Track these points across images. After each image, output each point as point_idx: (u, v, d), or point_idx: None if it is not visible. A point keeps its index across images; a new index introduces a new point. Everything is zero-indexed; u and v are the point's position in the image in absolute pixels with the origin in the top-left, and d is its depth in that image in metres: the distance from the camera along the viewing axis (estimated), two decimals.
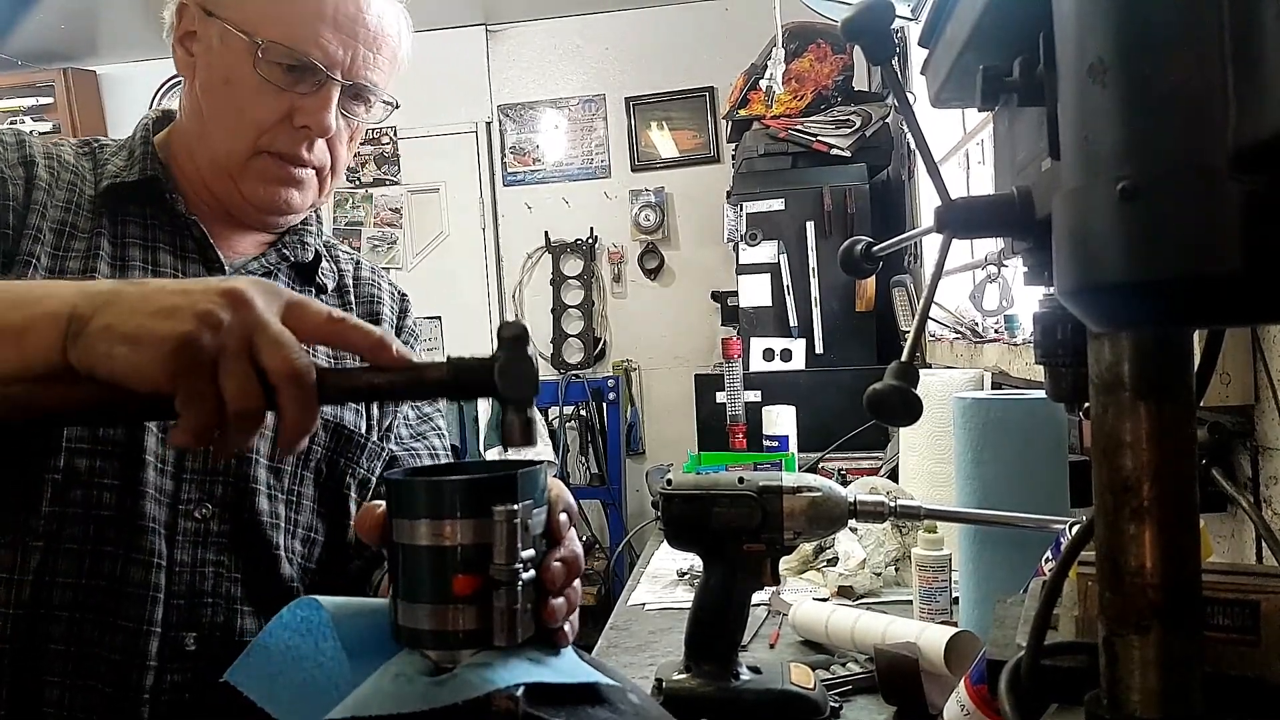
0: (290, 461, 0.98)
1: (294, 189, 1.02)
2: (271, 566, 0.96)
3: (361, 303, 1.14)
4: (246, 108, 0.98)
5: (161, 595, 0.89)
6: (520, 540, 0.56)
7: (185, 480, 0.92)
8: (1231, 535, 1.11)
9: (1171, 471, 0.43)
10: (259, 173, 1.00)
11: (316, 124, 0.99)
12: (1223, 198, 0.33)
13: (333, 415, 1.02)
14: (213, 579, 0.93)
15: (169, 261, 0.99)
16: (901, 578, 1.52)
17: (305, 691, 0.68)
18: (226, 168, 1.00)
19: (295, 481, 0.99)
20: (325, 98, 0.99)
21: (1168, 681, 0.43)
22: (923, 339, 2.59)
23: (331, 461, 1.02)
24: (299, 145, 1.00)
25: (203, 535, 0.92)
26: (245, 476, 0.95)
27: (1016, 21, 0.48)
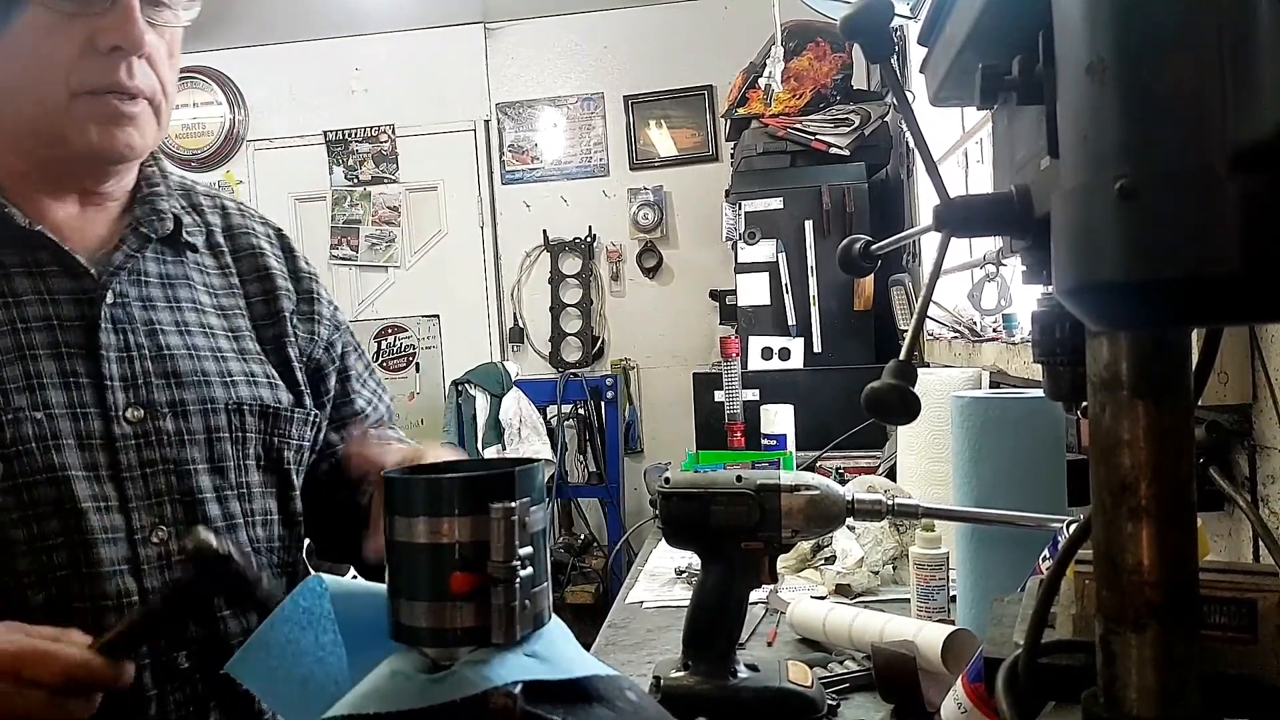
0: (229, 457, 0.95)
1: (129, 127, 0.89)
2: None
3: (242, 258, 1.05)
4: (40, 50, 0.85)
5: None
6: (518, 538, 0.56)
7: (133, 509, 0.88)
8: (1229, 534, 1.11)
9: (1169, 470, 0.43)
10: (81, 119, 0.87)
11: (126, 39, 0.86)
12: (1221, 197, 0.33)
13: (254, 398, 0.98)
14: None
15: (26, 286, 0.89)
16: (899, 576, 1.52)
17: (305, 686, 0.68)
18: (46, 129, 0.88)
19: (240, 474, 0.96)
20: (125, 8, 0.86)
21: (1165, 680, 0.43)
22: (921, 337, 2.59)
23: (267, 443, 0.99)
24: (115, 72, 0.87)
25: (165, 558, 0.89)
26: (190, 489, 0.91)
27: (1016, 20, 0.48)
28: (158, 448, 0.90)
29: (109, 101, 0.88)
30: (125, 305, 0.92)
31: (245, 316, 1.03)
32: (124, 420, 0.89)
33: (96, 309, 0.90)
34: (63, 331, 0.89)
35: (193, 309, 0.98)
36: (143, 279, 0.95)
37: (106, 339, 0.90)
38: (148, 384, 0.91)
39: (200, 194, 1.07)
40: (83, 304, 0.90)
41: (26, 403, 0.85)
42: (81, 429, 0.87)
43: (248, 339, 1.02)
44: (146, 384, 0.91)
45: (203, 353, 0.96)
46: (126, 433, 0.89)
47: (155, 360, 0.92)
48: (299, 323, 1.07)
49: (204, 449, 0.93)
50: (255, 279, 1.05)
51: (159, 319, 0.94)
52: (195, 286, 1.00)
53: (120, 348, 0.91)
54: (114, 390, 0.89)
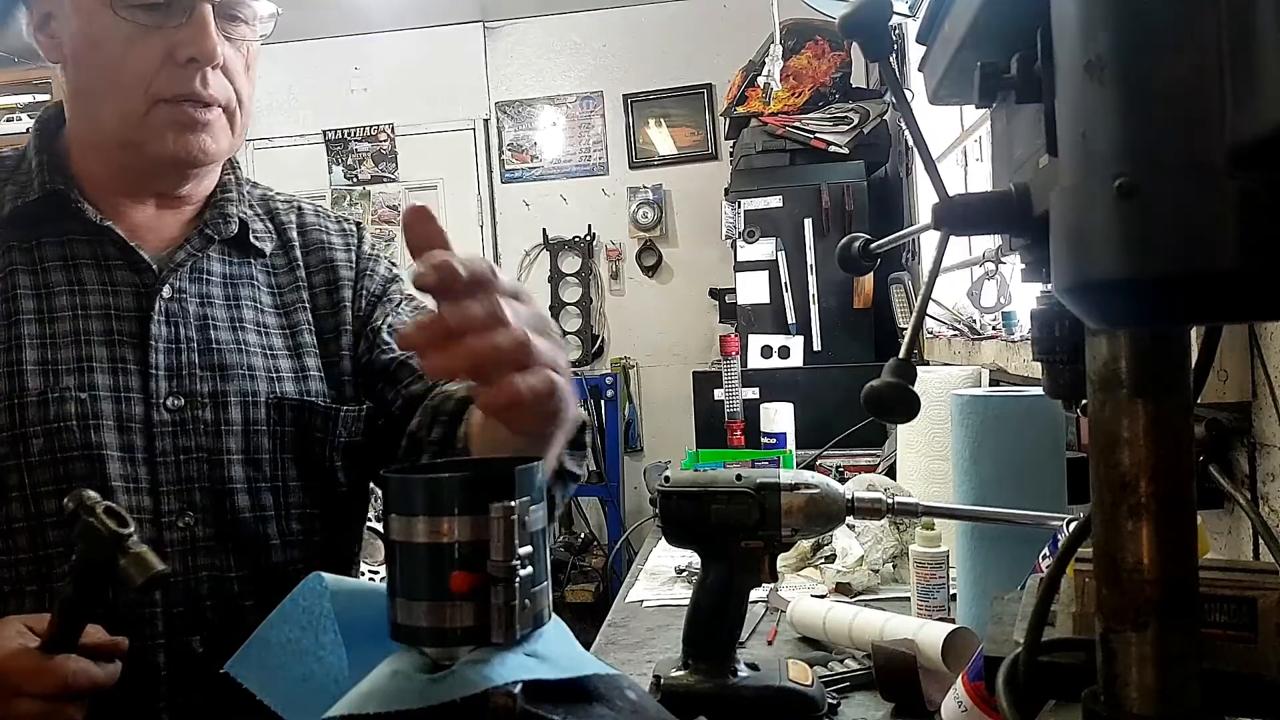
0: (265, 450, 0.97)
1: (204, 134, 0.95)
2: (265, 556, 0.96)
3: (311, 252, 1.09)
4: (123, 62, 0.91)
5: (159, 610, 0.90)
6: (518, 537, 0.56)
7: (162, 493, 0.92)
8: (1229, 532, 1.11)
9: (1169, 468, 0.43)
10: (161, 125, 0.93)
11: (201, 52, 0.91)
12: (1220, 195, 0.33)
13: (299, 393, 1.00)
14: (208, 583, 0.93)
15: (92, 276, 0.95)
16: (899, 574, 1.52)
17: (304, 685, 0.68)
18: (127, 135, 0.94)
19: (277, 468, 0.98)
20: (200, 22, 0.91)
21: (1165, 678, 0.43)
22: (920, 336, 2.60)
23: (308, 439, 1.01)
24: (192, 82, 0.92)
25: (189, 544, 0.92)
26: (221, 479, 0.94)
27: (1014, 18, 0.48)
28: (194, 435, 0.94)
29: (185, 109, 0.93)
30: (181, 300, 0.97)
31: (307, 309, 1.06)
32: (164, 407, 0.93)
33: (152, 302, 0.95)
34: (118, 320, 0.94)
35: (252, 307, 1.03)
36: (205, 277, 1.00)
37: (157, 330, 0.95)
38: (191, 375, 0.95)
39: (279, 200, 1.12)
40: (141, 296, 0.96)
41: (73, 383, 0.90)
42: (122, 412, 0.92)
43: (305, 332, 1.05)
44: (190, 374, 0.95)
45: (253, 349, 1.00)
46: (165, 419, 0.93)
47: (202, 353, 0.96)
48: (355, 302, 1.09)
49: (240, 440, 0.96)
50: (320, 270, 1.09)
51: (214, 315, 0.99)
52: (258, 287, 1.04)
53: (169, 339, 0.95)
54: (158, 378, 0.93)
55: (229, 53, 0.95)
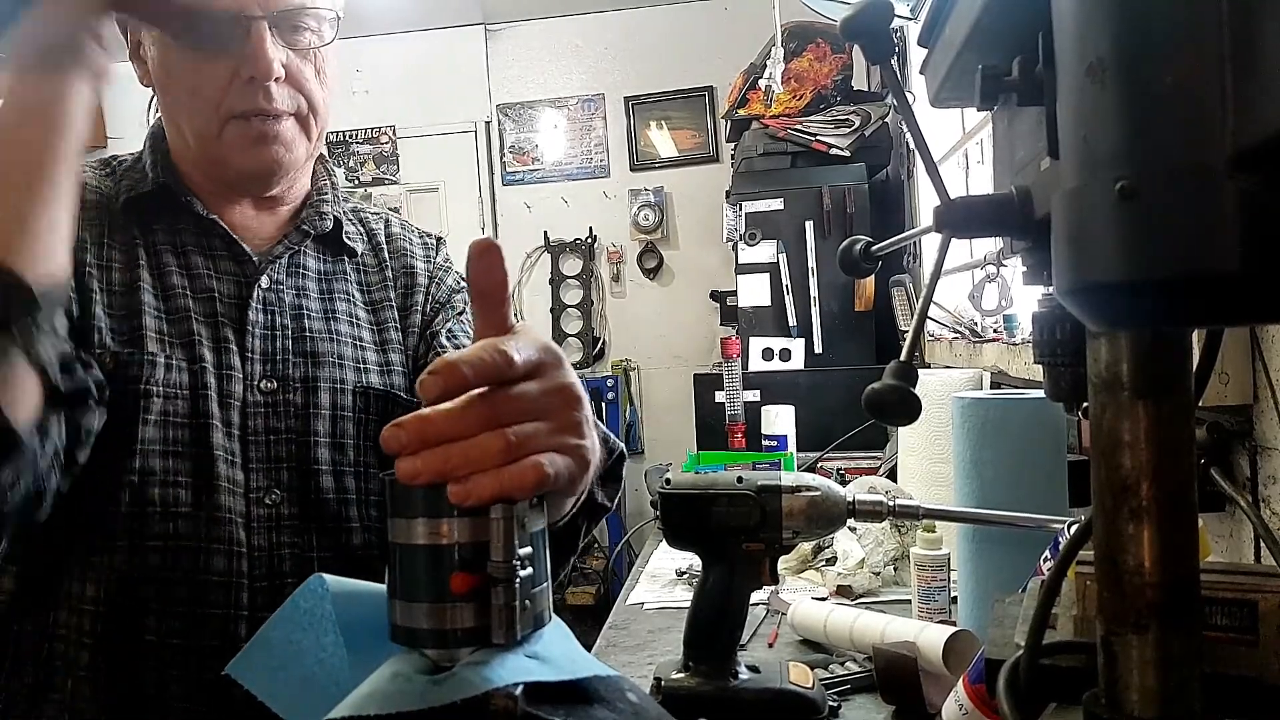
0: (350, 435, 1.02)
1: (276, 145, 1.00)
2: (346, 539, 1.00)
3: (396, 257, 1.16)
4: (194, 86, 0.97)
5: (245, 581, 0.94)
6: (518, 538, 0.56)
7: (252, 470, 0.97)
8: (1230, 535, 1.11)
9: (1170, 471, 0.43)
10: (235, 142, 0.99)
11: (259, 69, 0.96)
12: (1221, 197, 0.33)
13: (383, 384, 1.06)
14: (290, 560, 0.97)
15: (200, 262, 1.02)
16: (900, 577, 1.52)
17: (306, 687, 0.68)
18: (208, 152, 1.01)
19: (360, 454, 1.03)
20: (256, 40, 0.96)
21: (1166, 681, 0.43)
22: (921, 338, 2.60)
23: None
24: (256, 98, 0.97)
25: (275, 520, 0.97)
26: (307, 459, 0.99)
27: (1015, 21, 0.48)
28: (284, 418, 0.99)
29: (254, 124, 0.98)
30: (279, 290, 1.04)
31: (394, 309, 1.12)
32: (257, 389, 0.99)
33: (252, 290, 1.02)
34: (221, 304, 1.01)
35: (344, 300, 1.09)
36: (301, 270, 1.07)
37: (254, 316, 1.01)
38: (285, 360, 1.01)
39: (369, 213, 1.19)
40: (242, 285, 1.02)
41: (185, 356, 0.96)
42: (224, 388, 0.97)
43: (392, 330, 1.11)
44: (284, 360, 1.01)
45: (344, 339, 1.06)
46: (258, 400, 0.99)
47: (296, 340, 1.02)
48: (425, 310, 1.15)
49: (328, 424, 1.01)
50: (403, 275, 1.15)
51: (309, 306, 1.05)
52: (350, 282, 1.11)
53: (265, 325, 1.01)
54: (253, 361, 0.99)
55: (295, 62, 1.00)
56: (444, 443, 0.57)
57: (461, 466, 0.57)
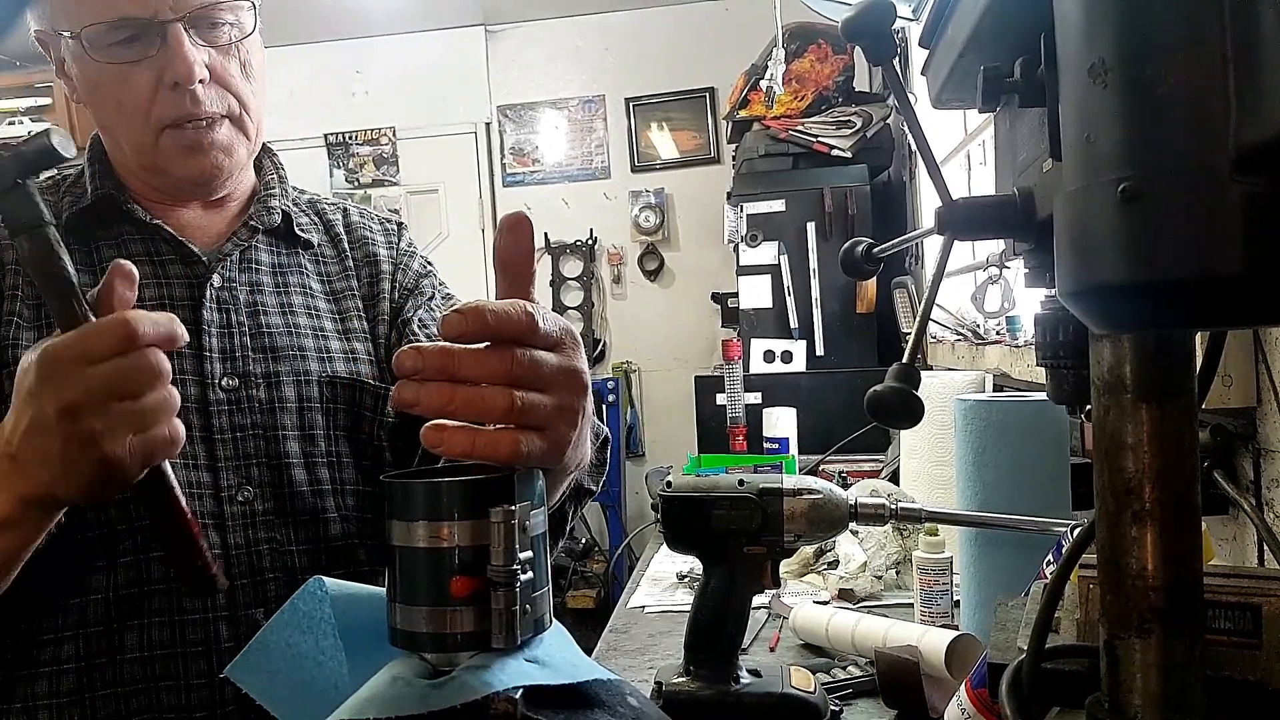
0: (319, 426, 1.01)
1: (214, 151, 0.98)
2: (324, 530, 0.99)
3: (357, 245, 1.14)
4: (119, 99, 0.95)
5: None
6: (518, 542, 0.56)
7: (221, 469, 0.95)
8: (1233, 538, 1.11)
9: (1173, 474, 0.43)
10: (170, 151, 0.97)
11: (180, 73, 0.93)
12: (1224, 199, 0.33)
13: (349, 373, 1.04)
14: (269, 556, 0.96)
15: (149, 271, 0.99)
16: (902, 581, 1.52)
17: (304, 690, 0.68)
18: (146, 162, 0.99)
19: (330, 444, 1.02)
20: (173, 45, 0.93)
21: (1169, 685, 0.43)
22: (924, 341, 2.59)
23: (356, 416, 1.04)
24: (184, 104, 0.95)
25: (250, 517, 0.96)
26: (277, 454, 0.98)
27: (1017, 22, 0.48)
28: (249, 414, 0.98)
29: (188, 132, 0.96)
30: (232, 288, 1.02)
31: (356, 297, 1.11)
32: (219, 388, 0.97)
33: (204, 289, 1.00)
34: (172, 309, 0.97)
35: (301, 293, 1.07)
36: (254, 266, 1.05)
37: (209, 315, 0.99)
38: (244, 357, 0.99)
39: (326, 204, 1.17)
40: (193, 286, 1.00)
41: None
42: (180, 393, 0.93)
43: (354, 318, 1.09)
44: (243, 357, 0.99)
45: (303, 330, 1.04)
46: (220, 399, 0.97)
47: (254, 336, 1.01)
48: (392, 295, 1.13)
49: (295, 417, 1.00)
50: (365, 263, 1.13)
51: (264, 302, 1.03)
52: (307, 274, 1.09)
53: (222, 324, 0.99)
54: (212, 361, 0.97)
55: (218, 60, 0.96)
56: (454, 381, 0.57)
57: (461, 410, 0.57)
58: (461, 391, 0.57)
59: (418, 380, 0.57)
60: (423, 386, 0.57)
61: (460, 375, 0.58)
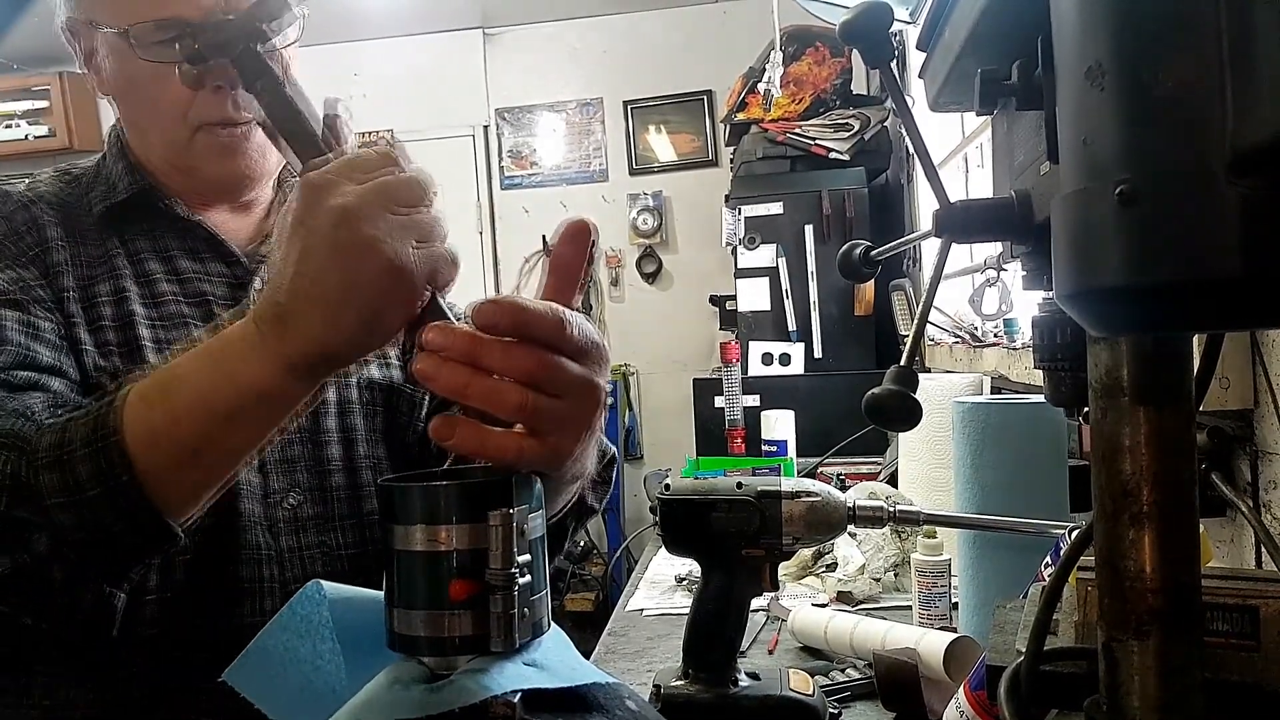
0: (358, 430, 1.01)
1: (248, 155, 0.98)
2: (370, 532, 0.99)
3: None
4: (158, 97, 0.95)
5: (276, 585, 0.93)
6: (516, 545, 0.56)
7: (269, 473, 0.95)
8: (1231, 540, 1.11)
9: (1171, 476, 0.43)
10: (204, 151, 0.97)
11: (225, 77, 0.92)
12: (1221, 202, 0.33)
13: (384, 377, 1.04)
14: (320, 560, 0.96)
15: (188, 266, 0.99)
16: (901, 583, 1.52)
17: (302, 694, 0.68)
18: (176, 162, 0.99)
19: (370, 447, 1.02)
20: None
21: (1167, 687, 0.43)
22: (922, 343, 2.59)
23: (392, 419, 1.05)
24: (224, 107, 0.94)
25: (298, 522, 0.96)
26: (321, 459, 0.98)
27: (1014, 25, 0.48)
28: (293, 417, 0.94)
29: (222, 134, 0.96)
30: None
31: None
32: None
33: (246, 291, 0.99)
34: (216, 306, 0.98)
35: None
36: None
37: None
38: None
39: None
40: (234, 286, 1.00)
41: None
42: None
43: None
44: None
45: None
46: None
47: None
48: None
49: (335, 420, 1.00)
50: None
51: None
52: None
53: None
54: None
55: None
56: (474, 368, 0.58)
57: (476, 397, 0.58)
58: (478, 381, 0.57)
59: (441, 358, 0.58)
60: (444, 364, 0.58)
61: (482, 363, 0.58)
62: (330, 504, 0.98)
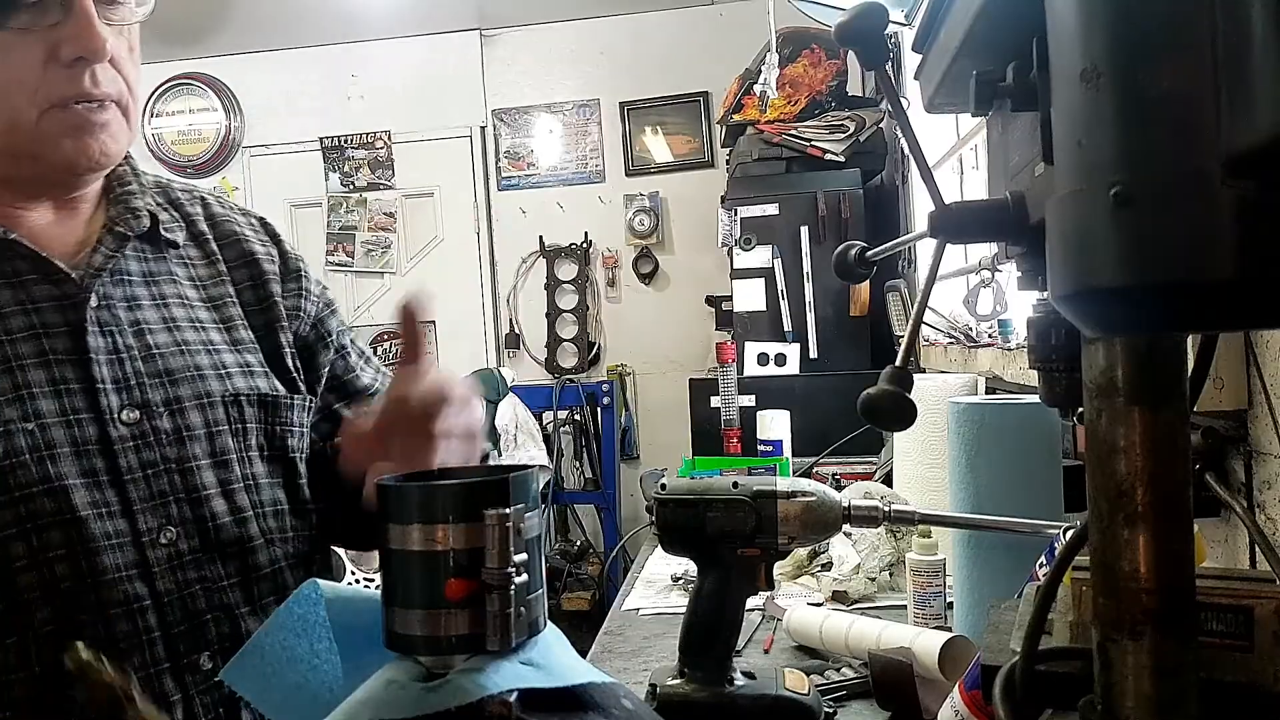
0: (231, 450, 0.93)
1: (103, 135, 0.87)
2: (252, 558, 0.92)
3: (227, 245, 1.02)
4: (4, 71, 0.82)
5: (157, 634, 0.84)
6: (513, 544, 0.56)
7: (137, 514, 0.86)
8: (1225, 540, 1.11)
9: (1165, 476, 0.43)
10: (56, 132, 0.85)
11: (89, 49, 0.83)
12: (1215, 203, 0.33)
13: (250, 388, 0.96)
14: (204, 596, 0.88)
15: (7, 297, 0.86)
16: (896, 582, 1.52)
17: (299, 693, 0.68)
18: (19, 146, 0.85)
19: (244, 466, 0.94)
20: (83, 17, 0.82)
21: (1162, 687, 0.43)
22: (917, 343, 2.59)
23: (269, 432, 0.97)
24: (81, 82, 0.84)
25: (176, 559, 0.87)
26: (194, 487, 0.89)
27: (1010, 27, 0.48)
28: (157, 448, 0.88)
29: (78, 111, 0.85)
30: (110, 307, 0.90)
31: (236, 304, 1.00)
32: (120, 423, 0.86)
33: (81, 313, 0.87)
34: (48, 339, 0.86)
35: (180, 304, 0.96)
36: (126, 279, 0.93)
37: (94, 342, 0.87)
38: (140, 384, 0.89)
39: (178, 189, 1.04)
40: (66, 309, 0.88)
41: (17, 414, 0.82)
42: (76, 435, 0.84)
43: (240, 328, 0.99)
44: (140, 384, 0.89)
45: (194, 347, 0.94)
46: (123, 435, 0.86)
47: (146, 360, 0.90)
48: (287, 301, 1.04)
49: (205, 444, 0.91)
50: (241, 264, 1.02)
51: (145, 318, 0.92)
52: (180, 281, 0.97)
53: (109, 350, 0.88)
54: (107, 393, 0.86)
55: (112, 41, 0.85)
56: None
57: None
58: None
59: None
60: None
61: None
62: (209, 534, 0.89)
